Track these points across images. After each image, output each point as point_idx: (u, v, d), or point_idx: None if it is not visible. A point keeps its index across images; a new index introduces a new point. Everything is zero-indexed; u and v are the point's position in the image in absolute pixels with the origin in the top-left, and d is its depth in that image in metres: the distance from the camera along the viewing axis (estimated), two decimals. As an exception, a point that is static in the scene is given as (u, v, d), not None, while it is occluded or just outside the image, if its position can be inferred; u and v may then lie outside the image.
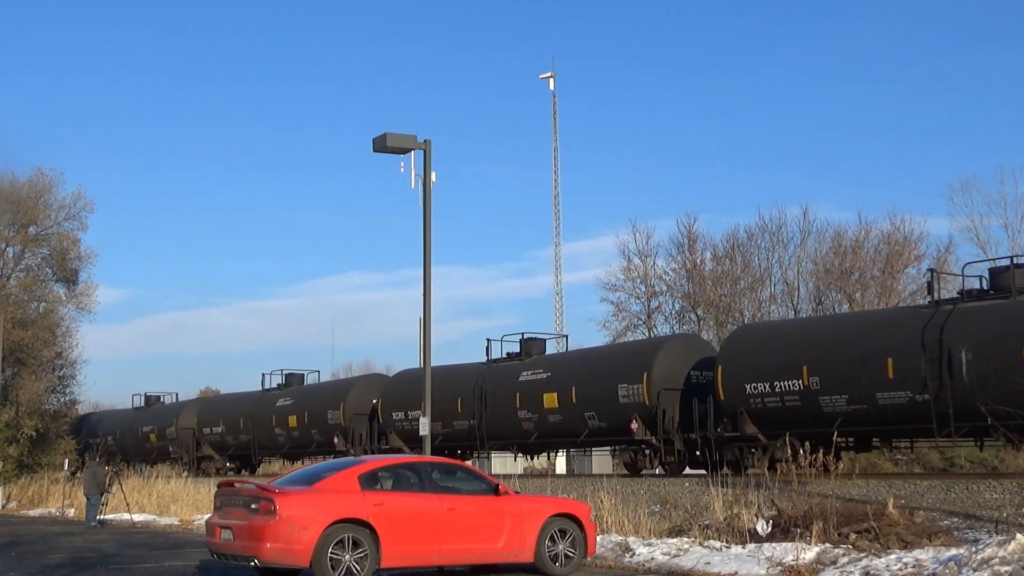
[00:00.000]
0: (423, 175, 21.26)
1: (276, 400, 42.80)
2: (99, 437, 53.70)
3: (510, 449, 33.77)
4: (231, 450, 45.80)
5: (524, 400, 30.89)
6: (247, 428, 43.87)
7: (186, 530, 26.74)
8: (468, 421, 32.77)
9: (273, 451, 43.81)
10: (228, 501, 14.33)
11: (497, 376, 32.39)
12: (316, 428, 39.55)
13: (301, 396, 41.94)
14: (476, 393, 32.51)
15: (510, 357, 33.16)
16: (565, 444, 32.74)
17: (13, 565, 17.38)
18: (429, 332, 22.11)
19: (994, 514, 17.41)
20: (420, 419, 22.69)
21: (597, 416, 28.84)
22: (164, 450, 48.83)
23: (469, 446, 34.35)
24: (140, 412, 52.78)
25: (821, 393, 23.93)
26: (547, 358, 33.02)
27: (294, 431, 40.96)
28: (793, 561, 14.50)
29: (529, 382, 31.05)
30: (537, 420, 30.58)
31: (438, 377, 35.23)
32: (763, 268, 53.72)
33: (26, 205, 47.03)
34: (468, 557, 14.80)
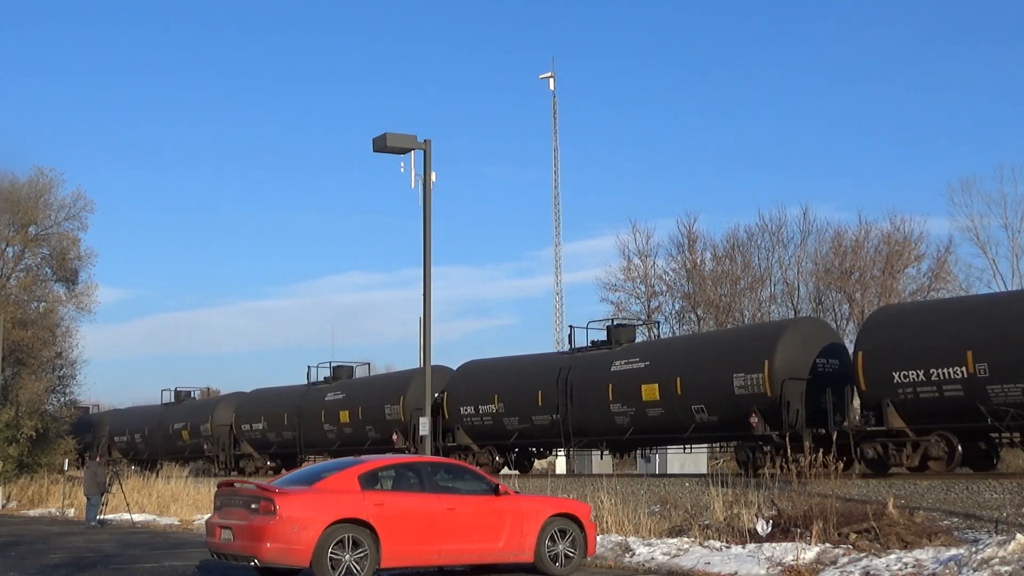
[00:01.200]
0: (423, 175, 21.27)
1: (325, 394, 39.87)
2: (125, 435, 52.26)
3: (598, 446, 31.38)
4: (273, 448, 42.89)
5: (618, 392, 28.34)
6: (292, 424, 41.08)
7: (186, 530, 26.75)
8: (550, 416, 30.44)
9: (322, 449, 40.36)
10: (228, 501, 14.33)
11: (584, 366, 29.93)
12: (372, 424, 36.98)
13: (354, 389, 39.17)
14: (560, 385, 30.12)
15: (596, 345, 30.88)
16: (666, 440, 29.90)
17: (13, 565, 17.38)
18: (429, 332, 22.11)
19: (994, 514, 17.41)
20: (420, 419, 22.64)
21: (707, 409, 26.32)
22: (197, 448, 46.75)
23: (551, 443, 32.40)
24: (170, 408, 50.34)
25: (989, 382, 21.25)
26: (643, 346, 30.78)
27: (346, 427, 38.18)
28: (793, 561, 14.50)
29: (623, 372, 28.42)
30: (633, 414, 28.01)
31: (512, 368, 33.57)
32: (763, 268, 53.77)
33: (26, 205, 46.99)
34: (468, 557, 14.80)
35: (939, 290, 47.87)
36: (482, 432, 32.76)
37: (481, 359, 35.94)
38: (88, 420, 56.29)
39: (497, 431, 32.46)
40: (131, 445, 52.45)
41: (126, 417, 54.84)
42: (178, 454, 47.64)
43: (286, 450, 42.03)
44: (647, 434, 28.55)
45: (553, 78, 61.83)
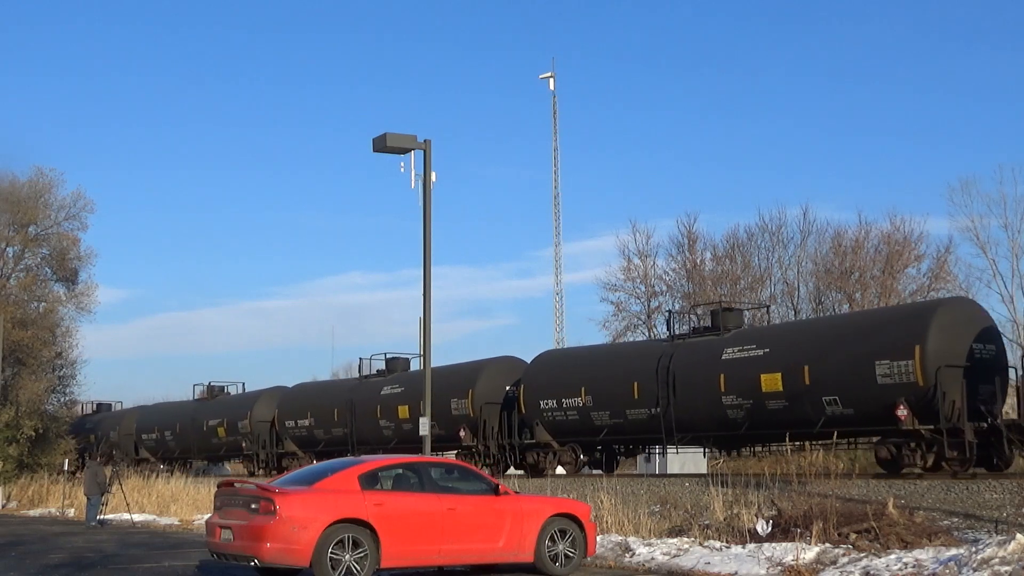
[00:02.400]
0: (423, 175, 21.27)
1: (380, 388, 36.78)
2: (154, 432, 49.93)
3: (704, 442, 28.33)
4: (321, 445, 39.60)
5: (731, 382, 25.66)
6: (343, 420, 37.99)
7: (186, 530, 26.75)
8: (648, 409, 27.60)
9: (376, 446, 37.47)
10: (228, 501, 14.34)
11: (689, 354, 27.19)
12: (435, 419, 34.06)
13: (414, 383, 35.23)
14: (660, 375, 27.32)
15: (698, 332, 28.65)
16: (791, 436, 26.25)
17: (13, 565, 17.38)
18: (429, 332, 22.12)
19: (994, 514, 17.41)
20: (420, 419, 22.68)
21: (840, 401, 23.53)
22: (235, 446, 44.06)
23: (649, 439, 29.48)
24: (204, 404, 47.43)
25: None
26: (760, 331, 28.35)
27: (405, 423, 34.97)
28: (793, 561, 14.51)
29: (737, 360, 25.73)
30: (750, 407, 25.30)
31: (602, 357, 31.18)
32: (763, 268, 53.77)
33: (26, 205, 47.03)
34: (468, 557, 14.80)
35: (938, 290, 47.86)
36: (565, 428, 30.04)
37: (560, 348, 33.79)
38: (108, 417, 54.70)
39: (583, 427, 29.55)
40: (160, 443, 49.84)
41: (155, 414, 52.05)
42: (213, 452, 45.44)
43: (335, 448, 38.60)
44: (765, 429, 25.66)
45: (553, 78, 61.82)
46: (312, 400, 40.63)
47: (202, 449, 46.49)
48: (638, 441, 29.99)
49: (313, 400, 40.56)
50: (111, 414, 55.45)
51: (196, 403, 48.41)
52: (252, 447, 42.58)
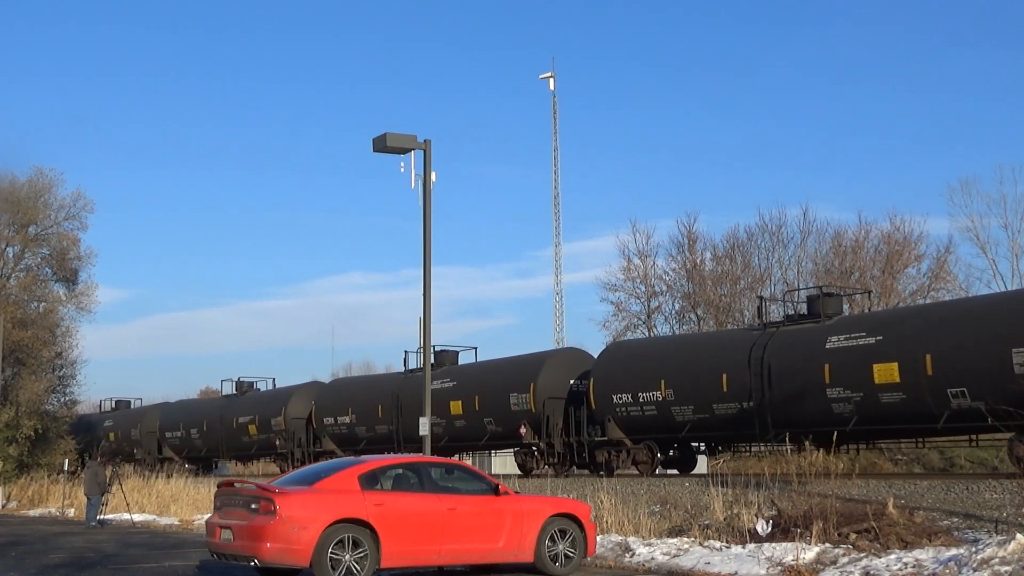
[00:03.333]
0: (423, 175, 21.27)
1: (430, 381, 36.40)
2: (179, 430, 47.85)
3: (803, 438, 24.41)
4: (362, 444, 37.35)
5: (838, 373, 23.55)
6: (388, 417, 35.65)
7: (186, 530, 26.75)
8: (739, 403, 25.50)
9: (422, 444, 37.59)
10: (228, 501, 14.33)
11: (787, 343, 25.10)
12: (492, 416, 31.73)
13: (467, 376, 33.73)
14: (754, 366, 25.23)
15: (798, 318, 26.11)
16: (907, 432, 24.63)
17: (13, 565, 17.38)
18: (429, 332, 22.13)
19: (994, 514, 17.40)
20: (420, 419, 22.68)
21: (969, 393, 21.45)
22: (267, 444, 41.83)
23: (739, 436, 27.22)
24: (233, 401, 45.20)
25: None
26: (868, 318, 25.94)
27: (457, 420, 33.02)
28: (793, 561, 14.51)
29: (845, 349, 23.62)
30: (860, 400, 23.14)
31: (684, 348, 29.21)
32: (763, 268, 53.80)
33: (26, 205, 47.04)
34: (468, 557, 14.80)
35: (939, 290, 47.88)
36: (641, 424, 27.78)
37: (633, 339, 31.90)
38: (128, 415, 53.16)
39: (662, 423, 27.33)
40: (186, 441, 47.72)
41: (179, 410, 49.92)
42: (243, 451, 43.32)
43: (379, 446, 36.57)
44: (877, 424, 23.51)
45: (553, 78, 61.86)
46: (353, 395, 38.22)
47: (231, 448, 44.49)
48: (726, 438, 27.81)
49: (354, 395, 38.11)
50: (131, 411, 53.74)
51: (224, 399, 46.25)
52: (287, 445, 40.33)
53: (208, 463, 48.97)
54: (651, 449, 28.00)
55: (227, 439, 44.12)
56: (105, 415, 54.90)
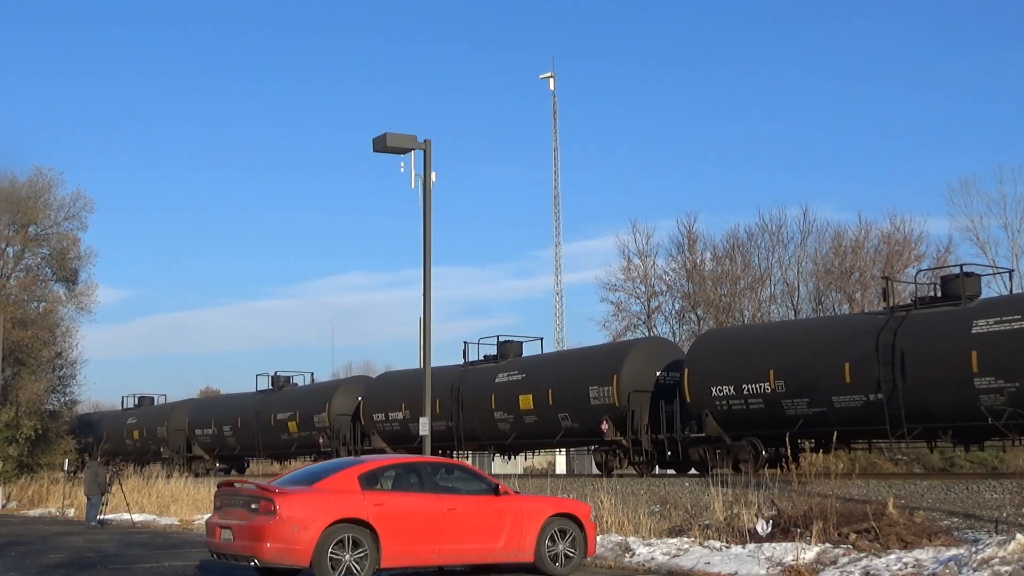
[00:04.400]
0: (423, 175, 21.27)
1: (495, 375, 32.26)
2: (210, 427, 45.58)
3: (941, 435, 23.18)
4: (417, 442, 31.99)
5: (986, 362, 21.23)
6: (447, 412, 33.27)
7: (186, 530, 26.74)
8: (864, 396, 23.11)
9: (489, 441, 32.90)
10: (228, 501, 14.33)
11: (921, 329, 22.71)
12: (568, 411, 29.48)
13: (538, 368, 31.35)
14: (882, 354, 22.78)
15: (932, 301, 23.76)
16: None
17: (13, 565, 17.38)
18: (429, 332, 22.12)
19: (994, 514, 17.41)
20: (421, 420, 22.64)
21: None
22: (309, 442, 39.71)
23: (864, 432, 24.56)
24: (269, 396, 42.92)
25: None
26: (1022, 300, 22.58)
27: (528, 415, 30.68)
28: (793, 561, 14.51)
29: (994, 335, 21.27)
30: (1015, 391, 20.91)
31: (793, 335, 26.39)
32: (763, 268, 53.77)
33: (26, 205, 47.03)
34: (468, 557, 14.80)
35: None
36: (744, 420, 25.55)
37: (734, 326, 30.46)
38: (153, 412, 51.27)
39: (771, 417, 25.00)
40: (218, 439, 45.40)
41: (210, 407, 47.85)
42: (281, 449, 41.04)
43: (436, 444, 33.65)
44: None
45: (553, 78, 61.95)
46: (407, 389, 35.09)
47: (268, 446, 42.05)
48: (848, 434, 24.51)
49: (408, 389, 34.91)
50: (157, 408, 51.85)
51: (259, 395, 43.71)
52: (331, 443, 38.00)
53: (240, 462, 47.22)
54: (754, 446, 25.65)
55: (264, 437, 41.81)
56: (128, 412, 53.06)
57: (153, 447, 49.14)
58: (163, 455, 47.56)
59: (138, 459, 47.75)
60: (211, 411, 46.89)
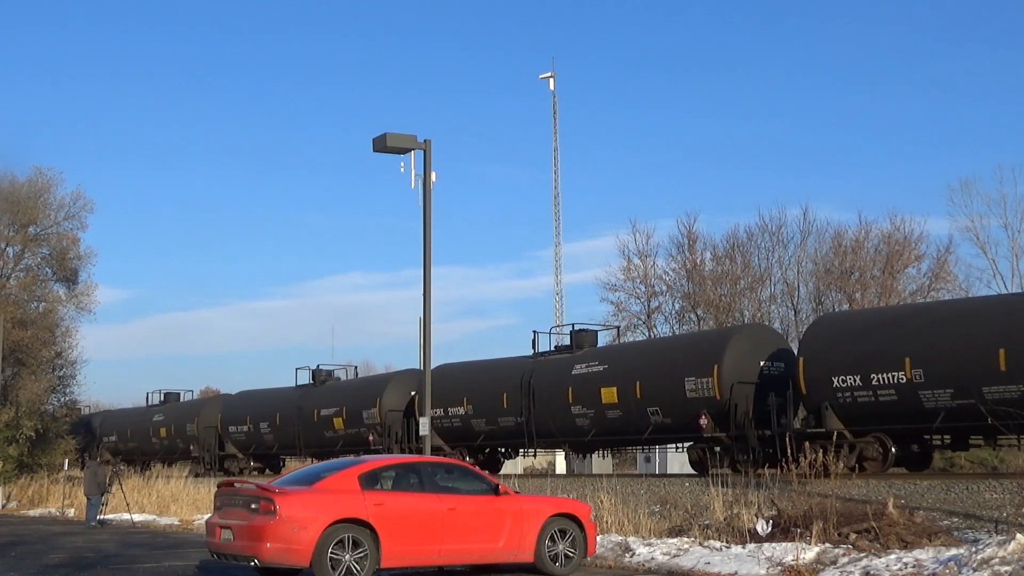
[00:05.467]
0: (423, 175, 21.28)
1: (571, 366, 29.71)
2: (245, 424, 42.95)
3: None
4: (480, 439, 32.69)
5: None
6: (515, 407, 30.86)
7: (186, 530, 26.74)
8: (1020, 387, 20.74)
9: (563, 439, 30.58)
10: (228, 501, 14.33)
11: None
12: (660, 405, 27.07)
13: (622, 359, 28.98)
14: None
15: None
16: None
17: (13, 565, 17.38)
18: (429, 332, 22.12)
19: (994, 514, 17.42)
20: (420, 420, 22.64)
21: None
22: (357, 440, 37.04)
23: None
24: (311, 391, 40.56)
25: None
26: None
27: (611, 410, 28.21)
28: (793, 561, 14.50)
29: None
30: None
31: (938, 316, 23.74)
32: (763, 268, 53.77)
33: (26, 205, 47.04)
34: (468, 557, 14.80)
35: (939, 290, 47.88)
36: (872, 413, 23.10)
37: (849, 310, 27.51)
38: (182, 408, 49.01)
39: (904, 411, 22.61)
40: (254, 437, 42.96)
41: (245, 402, 44.62)
42: (325, 447, 38.29)
43: (502, 442, 32.48)
44: None
45: (553, 78, 61.90)
46: (469, 383, 33.07)
47: (311, 444, 39.45)
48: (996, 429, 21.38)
49: (471, 383, 33.00)
50: (186, 404, 49.74)
51: (300, 390, 41.28)
52: (382, 441, 35.52)
53: (277, 461, 45.13)
54: (882, 443, 23.32)
55: (306, 434, 39.25)
56: (154, 409, 50.65)
57: (182, 445, 46.88)
58: (193, 453, 45.68)
59: (165, 458, 46.19)
60: (246, 407, 43.83)
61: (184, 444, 46.60)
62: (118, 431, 51.64)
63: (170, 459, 46.22)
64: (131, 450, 50.45)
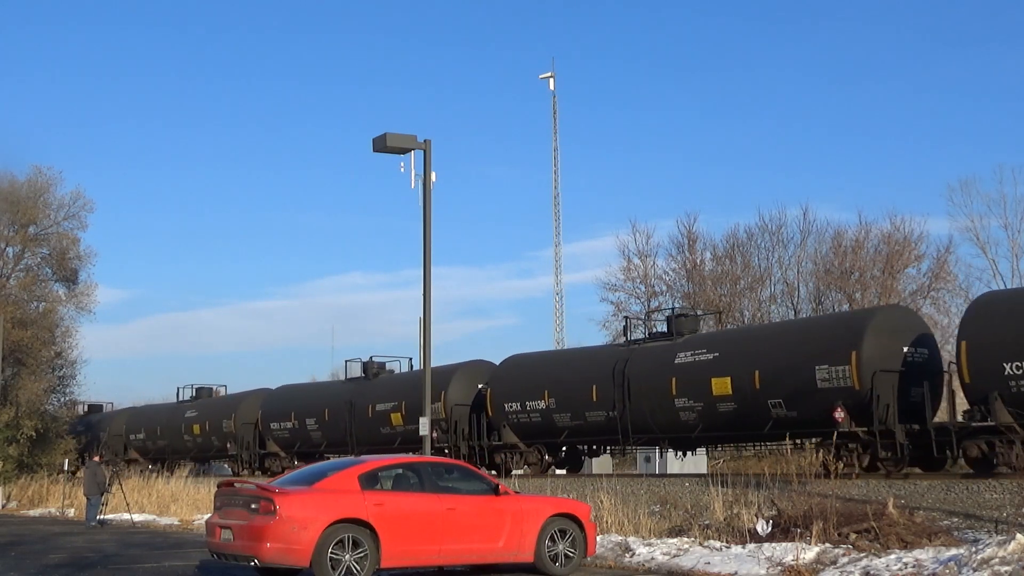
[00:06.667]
0: (423, 175, 21.29)
1: (673, 355, 26.68)
2: (289, 420, 39.81)
3: None
4: (563, 435, 29.70)
5: None
6: (607, 400, 27.93)
7: (186, 530, 26.75)
8: None
9: (664, 435, 27.24)
10: (228, 501, 14.34)
11: None
12: (783, 396, 24.09)
13: (735, 345, 26.00)
14: None
15: None
16: None
17: (13, 565, 17.38)
18: (429, 332, 22.12)
19: (994, 514, 17.41)
20: (421, 420, 22.64)
21: None
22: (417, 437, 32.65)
23: None
24: (364, 385, 37.13)
25: None
26: None
27: (723, 402, 25.18)
28: (793, 561, 14.51)
29: None
30: None
31: None
32: (763, 268, 53.76)
33: (25, 205, 47.06)
34: (468, 557, 14.80)
35: (939, 290, 47.89)
36: None
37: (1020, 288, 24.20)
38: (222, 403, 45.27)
39: None
40: (298, 434, 39.70)
41: (290, 397, 41.42)
42: (382, 444, 34.61)
43: (590, 438, 29.97)
44: None
45: (553, 78, 61.80)
46: (550, 375, 30.29)
47: (364, 441, 35.96)
48: None
49: (552, 375, 30.23)
50: (222, 400, 46.31)
51: (351, 383, 38.07)
52: (447, 438, 32.56)
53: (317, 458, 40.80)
54: None
55: (359, 431, 36.24)
56: (185, 405, 47.40)
57: (217, 443, 43.68)
58: (230, 452, 42.91)
59: (198, 457, 44.83)
60: (290, 402, 40.57)
61: (220, 442, 43.54)
62: (146, 429, 48.71)
63: (204, 458, 44.50)
64: (160, 449, 47.52)
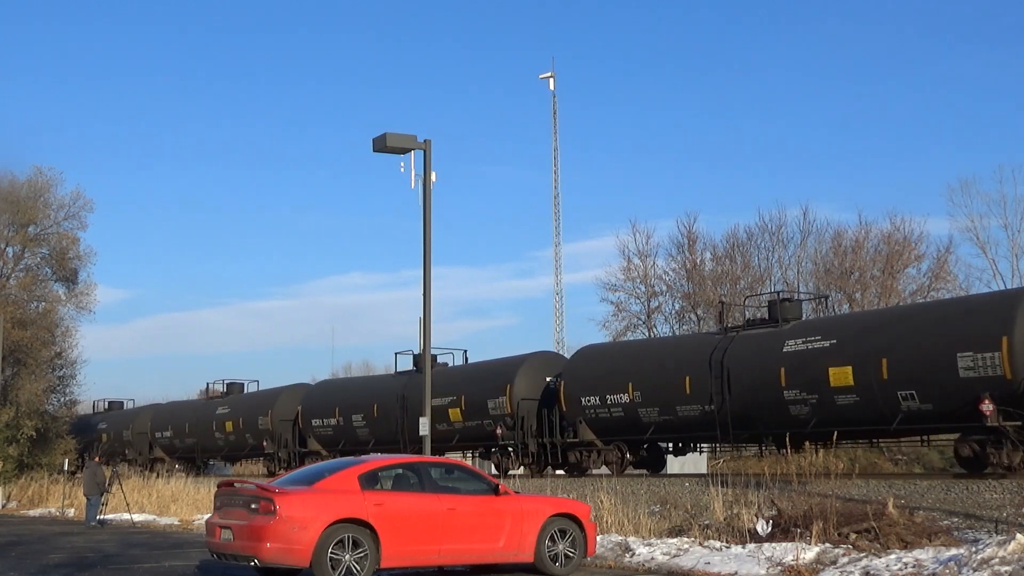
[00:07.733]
0: (423, 175, 21.30)
1: (781, 342, 24.20)
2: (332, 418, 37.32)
3: None
4: (651, 431, 27.08)
5: None
6: (702, 394, 25.45)
7: (186, 530, 26.75)
8: None
9: (768, 431, 24.55)
10: (228, 501, 14.34)
11: None
12: (916, 387, 21.63)
13: (854, 331, 23.42)
14: None
15: None
16: None
17: (13, 565, 17.38)
18: (429, 332, 22.13)
19: (994, 514, 17.40)
20: (421, 420, 22.63)
21: None
22: (479, 433, 31.41)
23: None
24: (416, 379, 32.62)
25: None
26: None
27: (841, 395, 22.67)
28: (793, 561, 14.51)
29: None
30: None
31: None
32: (763, 268, 53.85)
33: (25, 205, 47.04)
34: (468, 557, 14.80)
35: (939, 290, 47.90)
36: None
37: None
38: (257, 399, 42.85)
39: None
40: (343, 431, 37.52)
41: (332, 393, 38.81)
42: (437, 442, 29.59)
43: (681, 434, 27.42)
44: None
45: (553, 78, 61.81)
46: (634, 366, 27.70)
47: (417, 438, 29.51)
48: None
49: (636, 366, 27.68)
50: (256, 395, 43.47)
51: (401, 377, 35.33)
52: (512, 435, 30.27)
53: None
54: None
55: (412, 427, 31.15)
56: (216, 401, 45.44)
57: (252, 441, 41.42)
58: (266, 450, 40.74)
59: (231, 455, 43.57)
60: (334, 397, 38.13)
61: (255, 440, 41.21)
62: (173, 426, 46.71)
63: (237, 456, 43.13)
64: (189, 447, 45.73)
